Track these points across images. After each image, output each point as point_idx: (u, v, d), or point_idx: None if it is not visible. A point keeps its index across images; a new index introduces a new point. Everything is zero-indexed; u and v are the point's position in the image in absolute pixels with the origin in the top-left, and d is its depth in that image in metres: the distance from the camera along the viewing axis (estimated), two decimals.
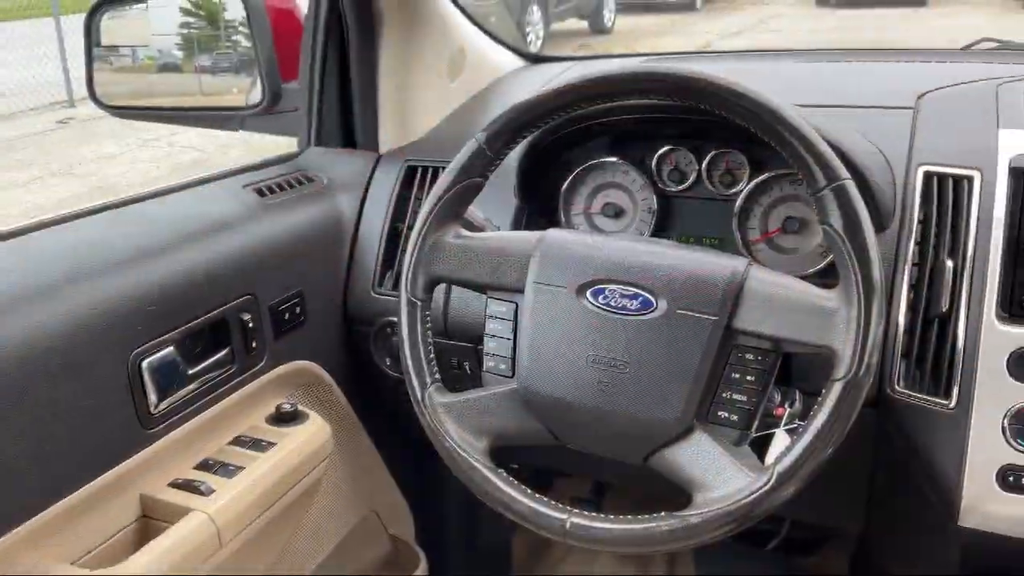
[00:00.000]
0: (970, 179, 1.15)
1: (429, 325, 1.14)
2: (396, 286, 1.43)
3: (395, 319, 1.28)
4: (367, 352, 1.52)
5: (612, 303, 1.05)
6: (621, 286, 1.05)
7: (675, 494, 1.01)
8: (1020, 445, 1.06)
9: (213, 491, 1.20)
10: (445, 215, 1.14)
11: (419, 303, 1.13)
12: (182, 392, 1.22)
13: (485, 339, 1.14)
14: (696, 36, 11.16)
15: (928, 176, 1.19)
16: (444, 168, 1.15)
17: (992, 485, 1.08)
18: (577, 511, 1.01)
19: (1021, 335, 1.08)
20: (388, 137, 1.63)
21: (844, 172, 0.97)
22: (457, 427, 1.09)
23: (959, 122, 1.26)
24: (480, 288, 1.14)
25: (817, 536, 1.94)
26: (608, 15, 11.64)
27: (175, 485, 1.21)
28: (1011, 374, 1.07)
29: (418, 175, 1.53)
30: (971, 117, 1.25)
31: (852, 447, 1.24)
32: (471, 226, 1.21)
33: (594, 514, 1.00)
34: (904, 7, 12.53)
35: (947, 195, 1.16)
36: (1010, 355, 1.07)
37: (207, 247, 1.28)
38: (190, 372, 1.23)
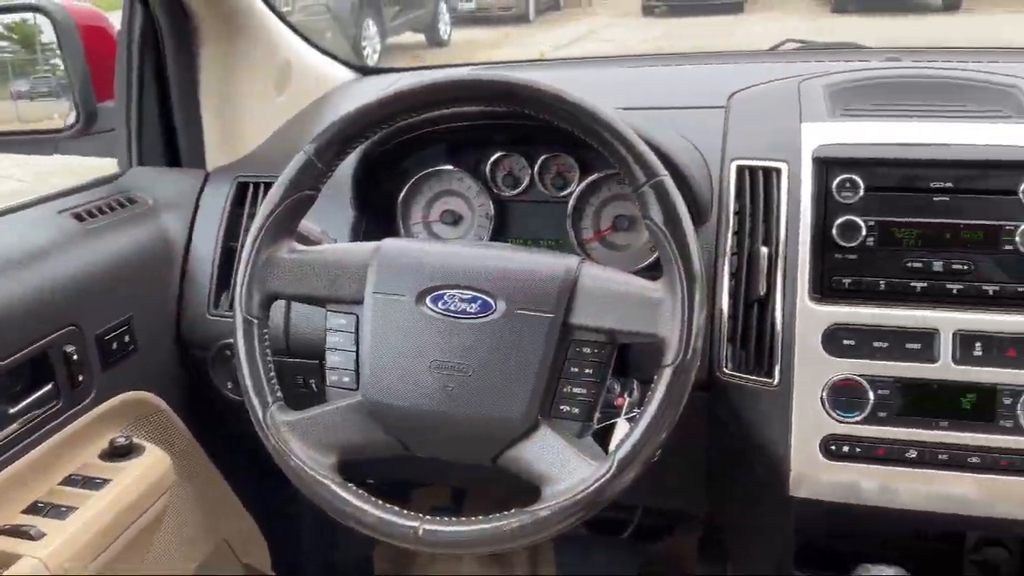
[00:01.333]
0: (778, 171, 1.23)
1: (267, 343, 1.11)
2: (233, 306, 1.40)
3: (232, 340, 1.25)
4: (206, 377, 1.47)
5: (452, 308, 1.05)
6: (460, 290, 1.06)
7: (530, 491, 1.03)
8: (838, 416, 1.14)
9: (44, 534, 1.13)
10: (277, 230, 1.12)
11: (255, 321, 1.11)
12: (3, 434, 1.14)
13: (327, 353, 1.12)
14: (530, 47, 11.39)
15: (741, 170, 1.26)
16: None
17: (817, 455, 1.15)
18: (429, 517, 1.01)
19: (832, 313, 1.16)
20: (215, 154, 1.58)
21: (662, 169, 1.01)
22: (302, 444, 1.07)
23: (766, 118, 1.34)
24: (319, 302, 1.13)
25: (668, 521, 2.02)
26: (444, 28, 11.72)
27: (2, 532, 1.13)
28: (826, 350, 1.15)
29: (249, 191, 1.49)
30: (776, 113, 1.33)
31: (689, 431, 1.29)
32: (306, 240, 1.19)
33: (445, 518, 1.00)
34: (725, 15, 13.23)
35: (759, 187, 1.24)
36: (823, 332, 1.15)
37: (21, 278, 1.21)
38: (11, 412, 1.15)
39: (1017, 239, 1.14)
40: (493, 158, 1.40)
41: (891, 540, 1.33)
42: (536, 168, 1.39)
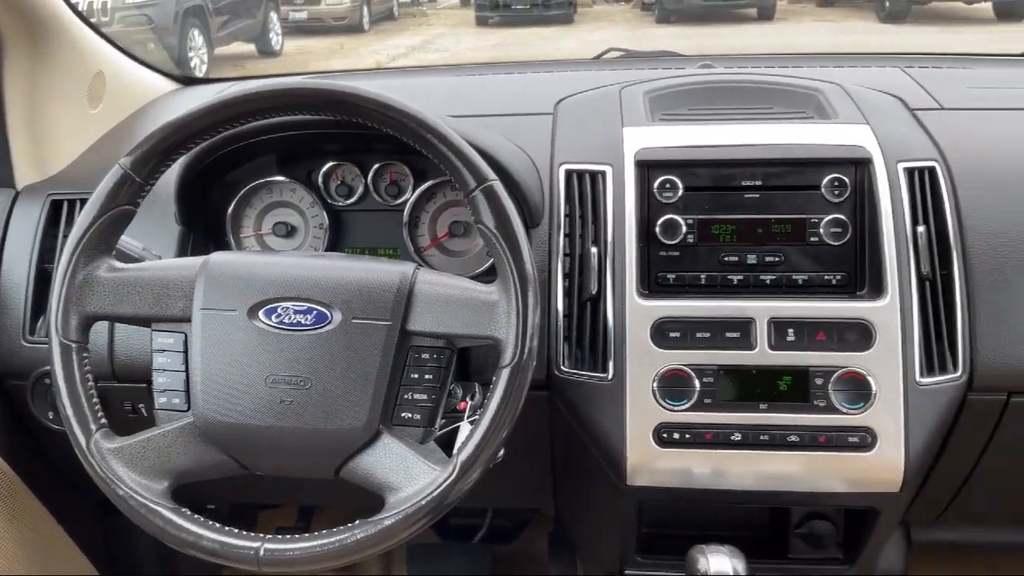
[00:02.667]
0: (603, 174, 1.28)
1: (88, 368, 1.05)
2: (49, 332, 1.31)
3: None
4: (26, 408, 1.38)
5: (286, 320, 1.03)
6: (293, 303, 1.04)
7: (379, 503, 1.02)
8: (668, 405, 1.19)
9: None
10: (94, 248, 1.06)
11: (74, 345, 1.05)
12: None
13: (154, 375, 1.08)
14: (365, 57, 11.31)
15: (569, 174, 1.30)
16: None
17: (651, 444, 1.20)
18: (271, 537, 0.99)
19: (659, 308, 1.21)
20: (25, 170, 1.48)
21: (491, 174, 1.03)
22: (130, 472, 1.02)
23: (591, 124, 1.39)
24: (143, 322, 1.08)
25: (519, 521, 2.05)
26: (275, 38, 11.45)
27: None
28: (654, 343, 1.20)
29: (64, 209, 1.41)
30: (600, 118, 1.38)
31: (531, 431, 1.33)
32: (127, 257, 1.14)
33: (287, 536, 0.98)
34: (556, 25, 13.58)
35: (586, 190, 1.28)
36: (652, 326, 1.20)
37: None
38: None
39: (821, 231, 1.23)
40: (325, 168, 1.39)
41: (723, 520, 1.40)
42: (370, 177, 1.38)
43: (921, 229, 1.22)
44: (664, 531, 1.39)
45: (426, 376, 1.04)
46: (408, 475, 1.00)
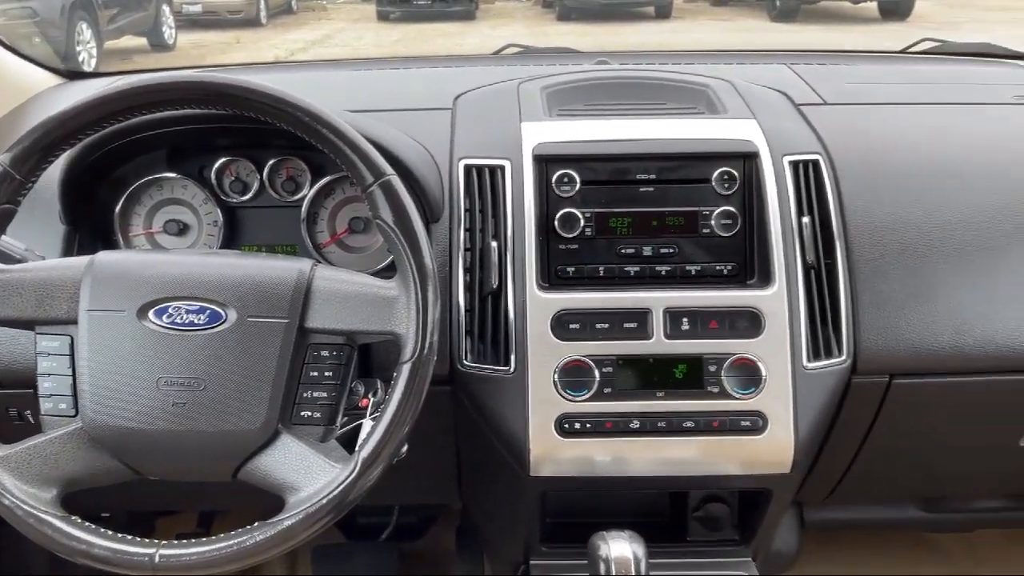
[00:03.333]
0: (502, 168, 1.29)
1: None
2: None
3: None
4: None
5: (178, 320, 1.01)
6: (186, 302, 1.01)
7: (281, 503, 1.00)
8: (569, 395, 1.21)
9: None
10: None
11: None
12: None
13: (39, 379, 1.04)
14: (264, 52, 11.06)
15: (468, 168, 1.31)
16: None
17: (553, 435, 1.22)
18: (166, 543, 0.97)
19: (559, 300, 1.23)
20: None
21: (388, 169, 1.03)
22: (16, 480, 0.98)
23: (490, 118, 1.39)
24: (25, 324, 1.04)
25: (426, 518, 2.05)
26: (168, 31, 11.09)
27: None
28: (555, 335, 1.22)
29: None
30: (499, 113, 1.39)
31: (436, 426, 1.33)
32: (8, 258, 1.09)
33: (183, 541, 0.96)
34: (458, 21, 13.57)
35: (486, 184, 1.29)
36: (552, 318, 1.22)
37: None
38: None
39: (712, 223, 1.27)
40: (218, 164, 1.35)
41: (625, 507, 1.43)
42: (265, 173, 1.35)
43: (806, 220, 1.27)
44: (568, 520, 1.41)
45: (325, 374, 1.03)
46: (308, 474, 0.99)
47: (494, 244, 1.25)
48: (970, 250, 1.29)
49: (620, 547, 1.15)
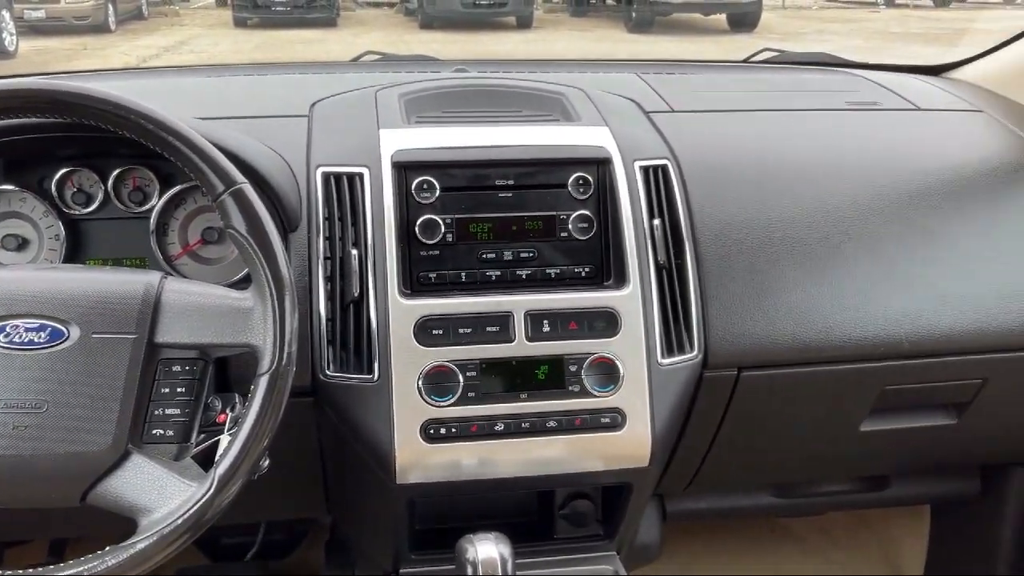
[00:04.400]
0: (361, 176, 1.28)
1: None
2: None
3: None
4: None
5: (16, 340, 0.95)
6: (24, 319, 0.96)
7: (135, 526, 0.96)
8: (434, 401, 1.22)
9: None
10: None
11: None
12: None
13: None
14: (113, 59, 10.58)
15: (326, 176, 1.29)
16: None
17: (418, 441, 1.22)
18: (10, 573, 0.91)
19: (421, 306, 1.23)
20: None
21: (240, 177, 1.01)
22: None
23: (347, 125, 1.38)
24: None
25: (295, 534, 2.00)
26: (8, 38, 10.46)
27: None
28: (418, 341, 1.22)
29: None
30: (357, 121, 1.38)
31: (299, 438, 1.30)
32: None
33: (21, 571, 0.91)
34: (319, 28, 13.37)
35: (344, 192, 1.28)
36: (415, 325, 1.22)
37: None
38: None
39: (570, 227, 1.30)
40: (59, 174, 1.29)
41: (495, 509, 1.44)
42: (110, 183, 1.30)
43: (657, 222, 1.31)
44: (437, 526, 1.42)
45: (178, 390, 1.00)
46: (162, 494, 0.95)
47: (354, 252, 1.24)
48: (808, 248, 1.37)
49: (487, 549, 1.16)
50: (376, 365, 1.22)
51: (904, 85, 1.78)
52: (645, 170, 1.34)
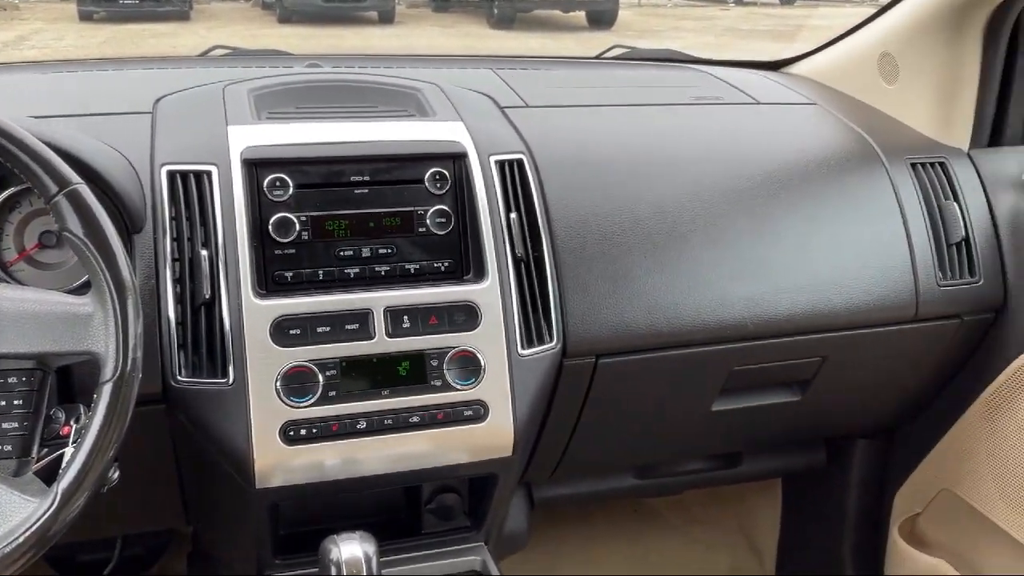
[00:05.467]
0: (209, 174, 1.25)
1: None
2: None
3: None
4: None
5: None
6: None
7: None
8: (293, 402, 1.20)
9: None
10: None
11: None
12: None
13: None
14: None
15: (172, 175, 1.25)
16: None
17: (278, 444, 1.19)
18: None
19: (277, 306, 1.21)
20: None
21: (75, 177, 0.96)
22: None
23: (194, 122, 1.34)
24: None
25: (156, 546, 1.93)
26: None
27: None
28: (275, 342, 1.20)
29: None
30: (204, 117, 1.34)
31: (153, 447, 1.26)
32: None
33: None
34: (171, 21, 12.85)
35: (192, 191, 1.24)
36: (271, 325, 1.20)
37: None
38: None
39: (428, 222, 1.30)
40: None
41: (362, 509, 1.43)
42: None
43: (514, 216, 1.33)
44: (303, 529, 1.40)
45: (15, 402, 0.95)
46: (0, 512, 0.90)
47: (204, 252, 1.21)
48: (659, 238, 1.42)
49: (351, 548, 1.16)
50: (231, 368, 1.19)
51: (745, 80, 1.86)
52: (501, 164, 1.36)
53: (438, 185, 1.32)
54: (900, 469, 1.87)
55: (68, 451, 1.02)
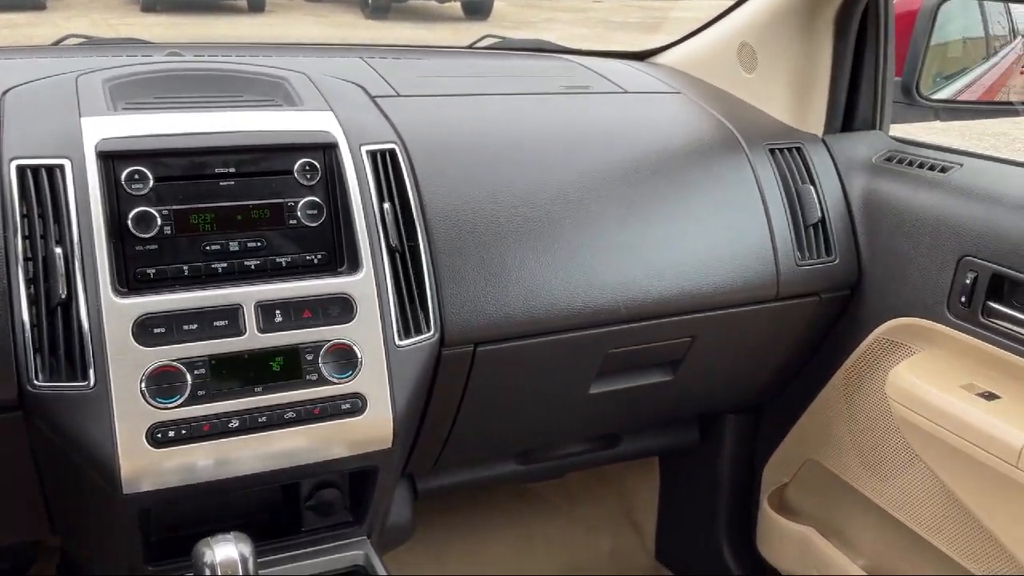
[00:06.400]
0: (62, 167, 1.19)
1: None
2: None
3: None
4: None
5: None
6: None
7: None
8: (160, 403, 1.16)
9: None
10: None
11: None
12: None
13: None
14: None
15: (21, 170, 1.18)
16: None
17: (145, 448, 1.15)
18: None
19: (140, 304, 1.16)
20: None
21: None
22: None
23: (45, 114, 1.27)
24: None
25: (21, 561, 1.83)
26: None
27: None
28: (138, 342, 1.15)
29: None
30: (55, 108, 1.28)
31: (9, 456, 1.20)
32: None
33: None
34: (26, 11, 12.16)
35: (43, 186, 1.18)
36: (133, 325, 1.15)
37: None
38: None
39: (299, 214, 1.28)
40: None
41: (238, 510, 1.40)
42: None
43: (387, 206, 1.32)
44: (177, 534, 1.35)
45: None
46: None
47: (58, 251, 1.15)
48: (532, 224, 1.44)
49: (225, 550, 1.13)
50: (91, 371, 1.14)
51: (613, 70, 1.90)
52: (372, 154, 1.35)
53: (308, 176, 1.29)
54: (768, 442, 1.95)
55: None
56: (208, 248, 1.23)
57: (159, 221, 1.20)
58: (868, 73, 1.76)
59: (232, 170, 1.26)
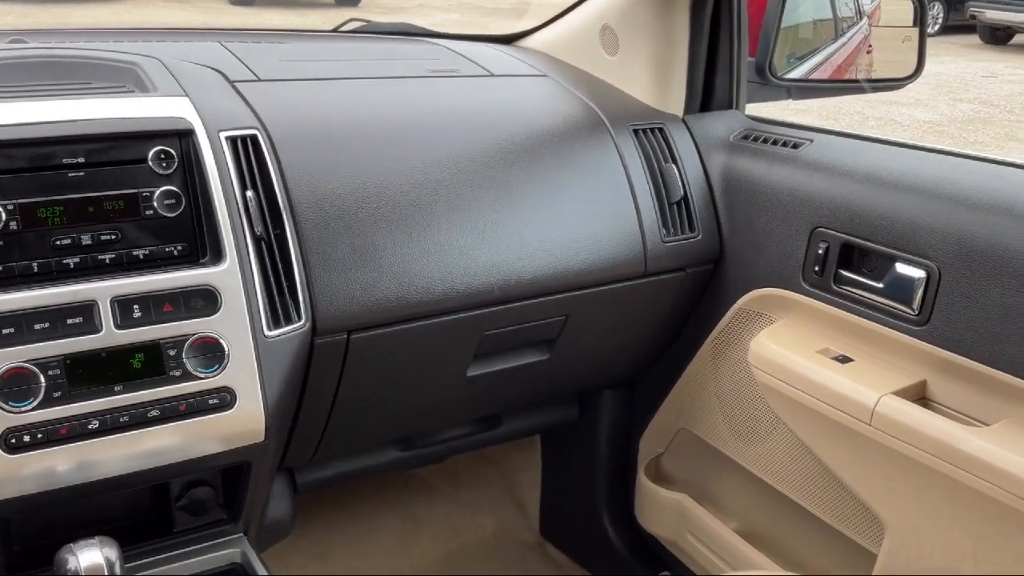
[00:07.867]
0: None
1: None
2: None
3: None
4: None
5: None
6: None
7: None
8: (12, 408, 1.10)
9: None
10: None
11: None
12: None
13: None
14: None
15: None
16: None
17: (0, 454, 1.09)
18: None
19: None
20: None
21: None
22: None
23: None
24: None
25: None
26: None
27: None
28: None
29: None
30: None
31: None
32: None
33: None
34: None
35: None
36: None
37: None
38: None
39: (155, 204, 1.23)
40: None
41: (105, 515, 1.34)
42: None
43: (250, 194, 1.29)
44: (41, 542, 1.29)
45: None
46: None
47: None
48: (403, 209, 1.43)
49: (90, 556, 1.08)
50: None
51: (480, 53, 1.91)
52: (233, 141, 1.31)
53: (164, 164, 1.25)
54: (643, 415, 2.01)
55: None
56: (58, 243, 1.17)
57: (4, 216, 1.14)
58: (724, 55, 1.82)
59: (81, 160, 1.20)
